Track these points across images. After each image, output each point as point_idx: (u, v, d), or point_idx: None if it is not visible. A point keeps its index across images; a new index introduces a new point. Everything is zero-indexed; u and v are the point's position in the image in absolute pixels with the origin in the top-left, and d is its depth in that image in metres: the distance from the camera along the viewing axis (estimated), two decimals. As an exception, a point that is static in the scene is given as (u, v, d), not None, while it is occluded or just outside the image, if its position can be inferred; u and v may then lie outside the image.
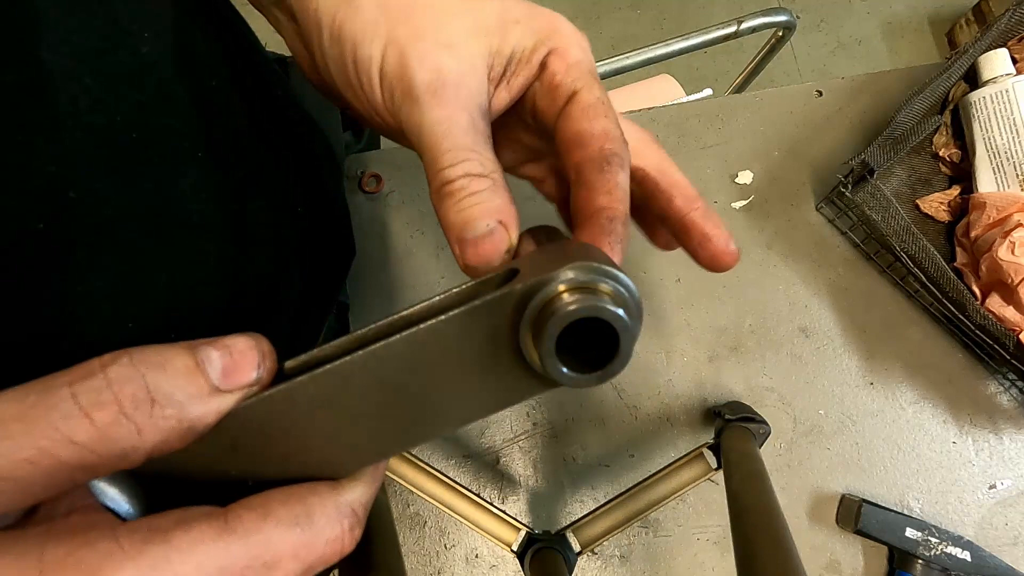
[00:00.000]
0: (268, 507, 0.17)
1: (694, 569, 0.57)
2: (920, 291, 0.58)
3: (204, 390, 0.17)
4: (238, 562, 0.16)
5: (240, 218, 0.32)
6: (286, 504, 0.17)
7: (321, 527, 0.18)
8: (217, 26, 0.32)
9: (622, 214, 0.23)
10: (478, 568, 0.57)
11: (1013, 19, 0.58)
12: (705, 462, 0.52)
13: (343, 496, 0.19)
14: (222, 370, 0.17)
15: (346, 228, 0.52)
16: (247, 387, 0.18)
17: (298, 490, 0.18)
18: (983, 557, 0.53)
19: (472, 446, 0.60)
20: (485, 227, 0.22)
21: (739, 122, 0.65)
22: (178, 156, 0.27)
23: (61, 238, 0.21)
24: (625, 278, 0.18)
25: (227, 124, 0.31)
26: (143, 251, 0.25)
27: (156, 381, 0.16)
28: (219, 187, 0.30)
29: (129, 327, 0.24)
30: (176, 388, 0.16)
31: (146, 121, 0.25)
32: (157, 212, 0.25)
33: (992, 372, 0.59)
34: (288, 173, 0.38)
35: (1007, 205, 0.54)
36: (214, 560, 0.16)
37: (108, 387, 0.15)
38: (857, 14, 1.88)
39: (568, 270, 0.17)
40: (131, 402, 0.15)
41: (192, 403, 0.16)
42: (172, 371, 0.16)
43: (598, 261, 0.18)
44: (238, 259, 0.32)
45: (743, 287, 0.62)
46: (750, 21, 0.75)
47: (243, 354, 0.17)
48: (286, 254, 0.37)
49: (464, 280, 0.20)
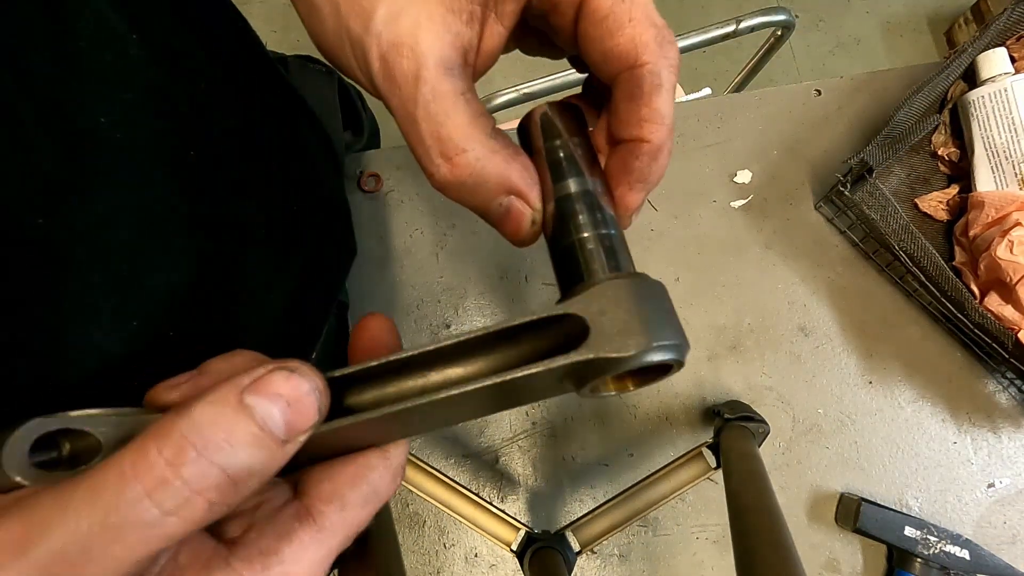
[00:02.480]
0: (342, 496, 0.20)
1: (693, 568, 0.57)
2: (919, 290, 0.58)
3: (274, 452, 0.17)
4: (333, 551, 0.19)
5: (235, 217, 0.32)
6: (356, 487, 0.20)
7: (384, 495, 0.21)
8: (211, 26, 0.32)
9: (654, 148, 0.22)
10: (477, 567, 0.57)
11: (1011, 18, 0.58)
12: (704, 461, 0.52)
13: (393, 461, 0.21)
14: (285, 427, 0.17)
15: (346, 227, 0.52)
16: (310, 431, 0.18)
17: (360, 469, 0.20)
18: (982, 555, 0.53)
19: (471, 445, 0.60)
20: (499, 207, 0.22)
21: (738, 121, 0.65)
22: (169, 156, 0.27)
23: (61, 235, 0.21)
24: (686, 343, 0.19)
25: (220, 124, 0.31)
26: (141, 250, 0.25)
27: (228, 461, 0.16)
28: (213, 187, 0.30)
29: (133, 325, 0.24)
30: (249, 460, 0.16)
31: (134, 122, 0.25)
32: (151, 211, 0.26)
33: (991, 371, 0.59)
34: (284, 172, 0.38)
35: (1005, 204, 0.54)
36: (318, 560, 0.19)
37: (186, 487, 0.15)
38: (856, 13, 1.88)
39: (645, 354, 0.18)
40: (216, 493, 0.16)
41: (267, 467, 0.17)
42: (239, 444, 0.16)
43: (669, 337, 0.19)
44: (235, 258, 0.32)
45: (742, 286, 0.62)
46: (749, 20, 0.75)
47: (301, 402, 0.17)
48: (283, 253, 0.37)
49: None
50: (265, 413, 0.16)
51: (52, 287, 0.22)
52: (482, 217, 0.23)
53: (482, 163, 0.21)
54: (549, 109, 0.24)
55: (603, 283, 0.19)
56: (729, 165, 0.64)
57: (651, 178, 0.23)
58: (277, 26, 1.76)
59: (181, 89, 0.28)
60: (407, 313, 0.62)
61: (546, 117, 0.23)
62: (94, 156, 0.23)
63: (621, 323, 0.19)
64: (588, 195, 0.22)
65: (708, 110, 0.66)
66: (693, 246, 0.63)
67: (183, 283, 0.28)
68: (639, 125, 0.22)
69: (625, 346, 0.18)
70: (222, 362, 0.21)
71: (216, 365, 0.21)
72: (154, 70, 0.26)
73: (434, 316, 0.62)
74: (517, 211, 0.22)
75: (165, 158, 0.27)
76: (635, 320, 0.19)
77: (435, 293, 0.63)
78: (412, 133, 0.21)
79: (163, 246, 0.26)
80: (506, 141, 0.22)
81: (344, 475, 0.20)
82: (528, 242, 0.23)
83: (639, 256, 0.63)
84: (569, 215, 0.22)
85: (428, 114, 0.21)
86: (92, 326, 0.23)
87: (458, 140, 0.21)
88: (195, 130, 0.29)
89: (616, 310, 0.19)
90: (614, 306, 0.19)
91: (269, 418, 0.16)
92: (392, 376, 0.20)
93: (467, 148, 0.21)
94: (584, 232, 0.21)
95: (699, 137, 0.65)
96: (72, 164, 0.22)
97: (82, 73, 0.23)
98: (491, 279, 0.63)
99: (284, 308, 0.38)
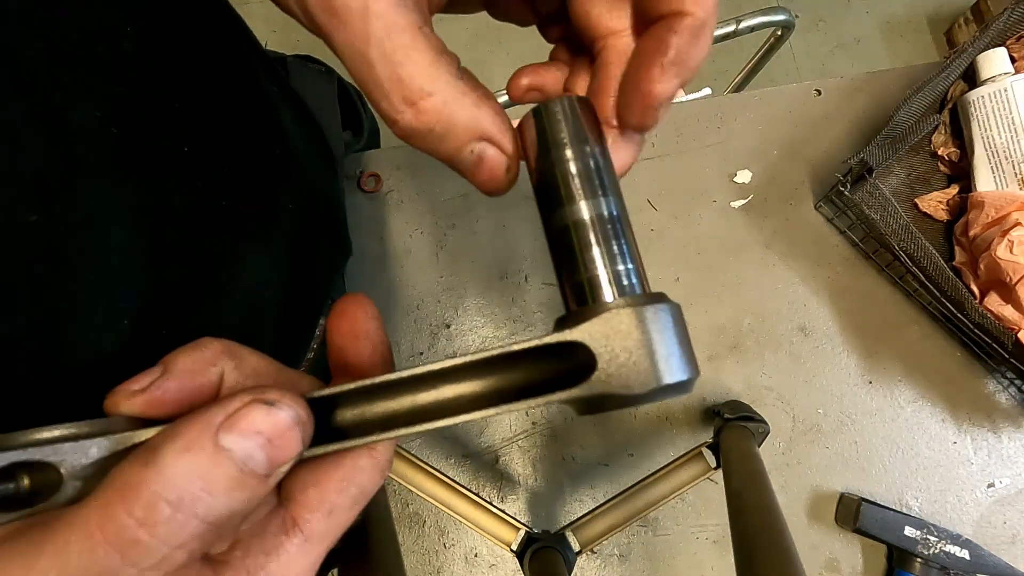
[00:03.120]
0: (330, 501, 0.19)
1: (693, 568, 0.57)
2: (919, 290, 0.58)
3: (256, 489, 0.16)
4: (321, 555, 0.19)
5: (228, 215, 0.31)
6: (344, 492, 0.19)
7: (372, 493, 0.20)
8: (207, 24, 0.32)
9: (698, 23, 0.19)
10: (477, 567, 0.57)
11: (1011, 18, 0.58)
12: (704, 461, 0.52)
13: (381, 459, 0.20)
14: (267, 463, 0.16)
15: (342, 226, 0.52)
16: (294, 461, 0.17)
17: (347, 473, 0.19)
18: (982, 555, 0.53)
19: (471, 445, 0.60)
20: (470, 155, 0.20)
21: (738, 121, 0.65)
22: (162, 152, 0.26)
23: (54, 232, 0.21)
24: (696, 373, 0.18)
25: (215, 120, 0.31)
26: (134, 248, 0.25)
27: (207, 511, 0.15)
28: (206, 183, 0.29)
29: (123, 324, 0.24)
30: (231, 504, 0.15)
31: (127, 117, 0.24)
32: (143, 208, 0.25)
33: (991, 371, 0.59)
34: (280, 170, 0.38)
35: (1005, 204, 0.54)
36: (307, 567, 0.18)
37: (163, 545, 0.14)
38: (856, 13, 1.88)
39: (654, 394, 0.18)
40: (198, 542, 0.15)
41: (250, 503, 0.16)
42: (219, 491, 0.15)
43: (678, 373, 0.18)
44: (228, 255, 0.31)
45: (742, 286, 0.62)
46: (749, 20, 0.75)
47: (284, 437, 0.16)
48: (278, 252, 0.37)
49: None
50: (244, 454, 0.15)
51: (44, 285, 0.21)
52: (451, 166, 0.21)
53: (450, 107, 0.19)
54: (564, 104, 0.20)
55: (612, 310, 0.18)
56: (729, 165, 0.64)
57: (689, 62, 0.20)
58: (277, 26, 1.76)
59: (175, 84, 0.28)
60: (407, 313, 0.62)
61: (559, 113, 0.20)
62: (87, 152, 0.22)
63: (629, 356, 0.18)
64: (604, 218, 0.20)
65: (708, 110, 0.66)
66: (693, 246, 0.63)
67: (176, 281, 0.27)
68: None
69: (632, 384, 0.17)
70: (187, 356, 0.19)
71: (181, 361, 0.19)
72: (148, 65, 0.26)
73: (434, 316, 0.62)
74: (491, 159, 0.20)
75: (158, 155, 0.26)
76: (643, 353, 0.18)
77: (435, 293, 0.63)
78: (366, 76, 0.19)
79: (156, 244, 0.26)
80: (474, 82, 0.20)
81: (332, 480, 0.19)
82: (503, 190, 0.21)
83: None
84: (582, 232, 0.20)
85: (384, 53, 0.18)
86: (84, 324, 0.23)
87: (421, 82, 0.18)
88: (189, 126, 0.28)
89: (625, 341, 0.18)
90: (623, 338, 0.18)
91: (249, 459, 0.15)
92: (384, 396, 0.19)
93: (432, 91, 0.19)
94: (593, 250, 0.19)
95: (699, 137, 0.65)
96: (65, 160, 0.21)
97: (75, 66, 0.22)
98: (491, 279, 0.63)
99: (280, 307, 0.38)
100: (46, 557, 0.14)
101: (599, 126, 0.21)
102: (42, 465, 0.16)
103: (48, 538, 0.14)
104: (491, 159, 0.20)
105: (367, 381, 0.19)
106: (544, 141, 0.20)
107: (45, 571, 0.14)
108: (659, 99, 0.20)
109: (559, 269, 0.20)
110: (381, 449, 0.20)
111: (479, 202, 0.64)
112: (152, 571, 0.14)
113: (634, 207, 0.64)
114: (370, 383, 0.19)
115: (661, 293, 0.19)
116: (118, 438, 0.18)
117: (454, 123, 0.19)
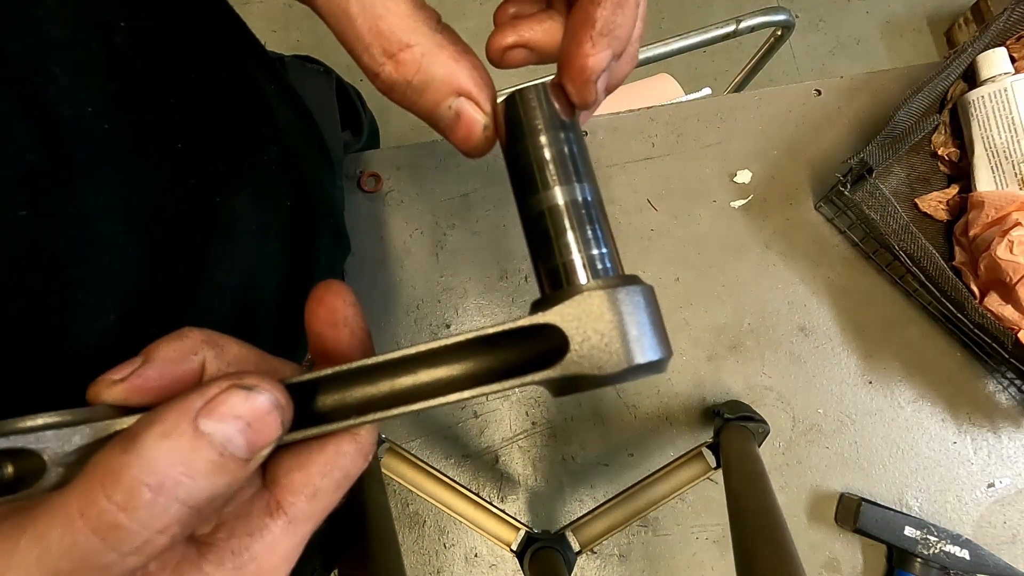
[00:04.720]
0: (314, 484, 0.19)
1: (693, 568, 0.57)
2: (919, 290, 0.58)
3: (237, 473, 0.16)
4: (305, 537, 0.19)
5: (222, 211, 0.31)
6: (328, 475, 0.19)
7: (355, 476, 0.20)
8: (201, 20, 0.32)
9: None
10: (477, 567, 0.57)
11: (1011, 18, 0.58)
12: (704, 461, 0.52)
13: (364, 442, 0.20)
14: (247, 447, 0.16)
15: (340, 224, 0.52)
16: (275, 444, 0.17)
17: (331, 457, 0.19)
18: (982, 555, 0.53)
19: (471, 445, 0.60)
20: (447, 110, 0.20)
21: (738, 121, 0.65)
22: (155, 148, 0.26)
23: (43, 227, 0.21)
24: (669, 354, 0.19)
25: (208, 117, 0.30)
26: (124, 244, 0.24)
27: (188, 495, 0.15)
28: (199, 180, 0.29)
29: (110, 319, 0.24)
30: (212, 487, 0.15)
31: (120, 112, 0.24)
32: (135, 204, 0.25)
33: (991, 371, 0.59)
34: (276, 168, 0.38)
35: (1005, 204, 0.54)
36: (291, 549, 0.18)
37: (145, 529, 0.14)
38: (856, 13, 1.88)
39: (626, 373, 0.18)
40: (179, 526, 0.15)
41: (231, 487, 0.16)
42: (200, 475, 0.15)
43: (650, 353, 0.18)
44: (220, 252, 0.31)
45: (742, 286, 0.62)
46: (749, 20, 0.75)
47: (263, 421, 0.16)
48: (272, 249, 0.37)
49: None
50: (224, 438, 0.15)
51: (33, 280, 0.21)
52: (429, 124, 0.21)
53: (428, 59, 0.19)
54: (539, 90, 0.21)
55: (584, 292, 0.18)
56: (729, 165, 0.64)
57: (617, 30, 0.20)
58: (277, 26, 1.76)
59: (169, 79, 0.27)
60: (407, 313, 0.62)
61: (532, 100, 0.21)
62: (78, 147, 0.22)
63: (600, 338, 0.18)
64: (579, 204, 0.20)
65: (708, 110, 0.66)
66: (693, 246, 0.63)
67: (168, 278, 0.27)
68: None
69: (604, 364, 0.18)
70: (168, 345, 0.19)
71: (162, 351, 0.19)
72: (141, 59, 0.26)
73: (434, 316, 0.62)
74: (468, 116, 0.20)
75: (151, 150, 0.26)
76: (615, 335, 0.18)
77: (435, 293, 0.63)
78: (348, 31, 0.19)
79: (148, 240, 0.26)
80: (453, 36, 0.20)
81: (316, 463, 0.19)
82: (481, 151, 0.21)
83: (639, 256, 0.63)
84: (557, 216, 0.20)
85: (364, 7, 0.18)
86: (73, 319, 0.23)
87: (401, 34, 0.19)
88: (182, 122, 0.28)
89: (596, 323, 0.18)
90: (595, 319, 0.18)
91: (229, 443, 0.15)
92: (363, 380, 0.20)
93: (412, 42, 0.19)
94: (568, 235, 0.20)
95: (699, 137, 0.65)
96: (55, 156, 0.21)
97: (66, 61, 0.22)
98: (491, 279, 0.63)
99: (276, 305, 0.38)
100: (27, 541, 0.14)
101: (573, 112, 0.21)
102: (25, 453, 0.17)
103: (30, 523, 0.14)
104: (467, 116, 0.20)
105: (345, 366, 0.19)
106: (519, 128, 0.21)
107: (26, 555, 0.14)
108: (593, 72, 0.20)
109: (534, 254, 0.21)
110: (364, 433, 0.20)
111: (479, 202, 0.64)
112: (133, 555, 0.14)
113: (634, 207, 0.64)
114: (348, 368, 0.19)
115: (634, 276, 0.19)
116: (100, 426, 0.18)
117: (432, 76, 0.19)
